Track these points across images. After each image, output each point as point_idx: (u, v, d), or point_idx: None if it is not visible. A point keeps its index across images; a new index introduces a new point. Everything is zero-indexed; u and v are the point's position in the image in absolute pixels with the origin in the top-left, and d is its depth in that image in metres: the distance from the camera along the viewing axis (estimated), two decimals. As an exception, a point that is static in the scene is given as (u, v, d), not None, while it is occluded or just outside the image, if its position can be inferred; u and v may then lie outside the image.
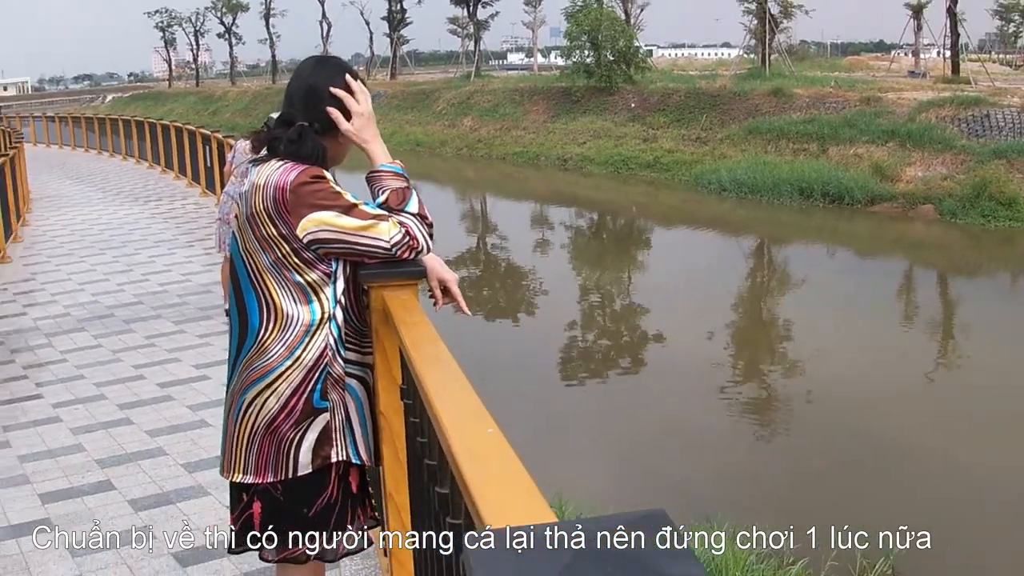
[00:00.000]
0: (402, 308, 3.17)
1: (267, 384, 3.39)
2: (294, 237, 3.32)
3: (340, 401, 3.46)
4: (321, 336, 3.39)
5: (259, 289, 3.40)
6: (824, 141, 33.19)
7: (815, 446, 12.45)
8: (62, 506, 6.30)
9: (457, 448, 1.87)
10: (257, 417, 3.41)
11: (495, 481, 1.69)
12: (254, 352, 3.42)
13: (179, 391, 8.69)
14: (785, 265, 25.78)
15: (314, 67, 3.58)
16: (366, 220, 3.32)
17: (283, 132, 3.45)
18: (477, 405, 2.16)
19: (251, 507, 3.49)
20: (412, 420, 2.90)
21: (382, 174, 3.52)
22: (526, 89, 51.46)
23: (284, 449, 3.40)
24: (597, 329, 19.21)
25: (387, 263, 3.35)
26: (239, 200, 3.52)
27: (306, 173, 3.34)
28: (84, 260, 15.99)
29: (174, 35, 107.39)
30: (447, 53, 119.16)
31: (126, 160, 34.90)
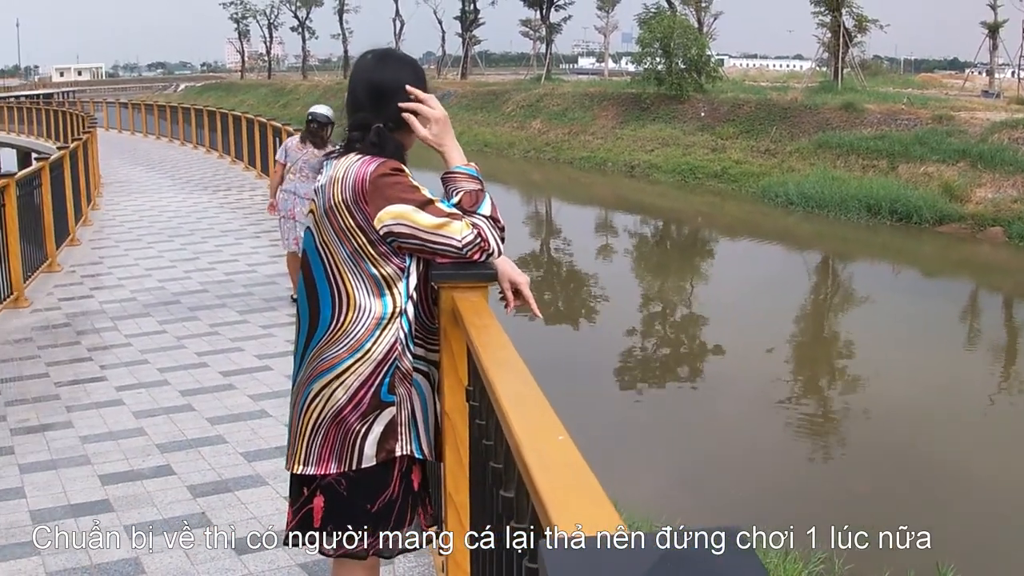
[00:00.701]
0: (472, 310, 3.19)
1: (336, 375, 3.42)
2: (371, 228, 3.35)
3: (407, 396, 3.47)
4: (392, 330, 3.41)
5: (334, 281, 3.43)
6: (894, 158, 32.86)
7: (867, 467, 12.33)
8: (122, 488, 6.37)
9: (528, 454, 1.87)
10: (324, 408, 3.43)
11: (566, 489, 1.69)
12: (324, 343, 3.44)
13: (241, 380, 8.76)
14: (849, 282, 25.57)
15: (375, 64, 3.60)
16: (440, 218, 3.35)
17: (360, 135, 3.48)
18: (548, 411, 2.17)
19: (311, 501, 3.51)
20: (478, 423, 2.91)
21: (457, 175, 3.54)
22: (596, 94, 51.37)
23: (350, 440, 3.42)
24: (656, 338, 19.15)
25: (458, 264, 3.37)
26: (315, 194, 3.55)
27: (386, 165, 3.38)
28: (152, 246, 16.17)
29: (248, 27, 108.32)
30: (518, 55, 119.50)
31: (196, 149, 35.24)
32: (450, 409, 3.44)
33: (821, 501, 11.28)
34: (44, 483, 6.47)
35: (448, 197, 3.50)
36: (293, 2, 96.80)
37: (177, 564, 5.31)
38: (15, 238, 12.05)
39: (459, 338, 3.34)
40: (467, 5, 76.78)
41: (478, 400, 2.96)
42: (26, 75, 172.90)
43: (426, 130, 3.54)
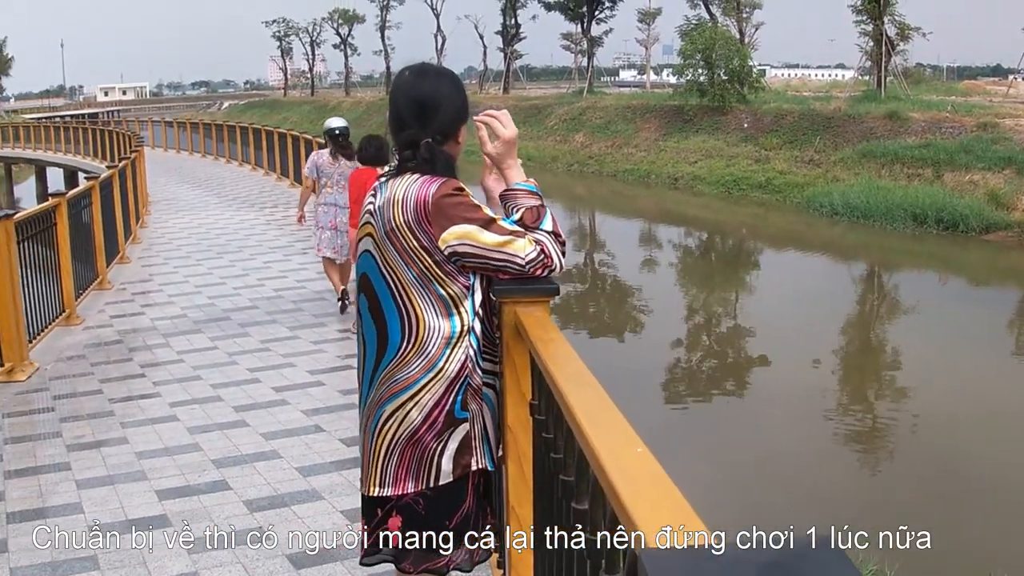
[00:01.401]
0: (536, 324, 3.20)
1: (409, 396, 3.44)
2: (435, 249, 3.37)
3: (479, 411, 3.50)
4: (462, 348, 3.44)
5: (402, 303, 3.44)
6: (939, 166, 32.66)
7: (914, 476, 12.26)
8: (178, 503, 6.42)
9: (610, 468, 1.88)
10: (398, 429, 3.46)
11: (650, 501, 1.69)
12: (394, 365, 3.46)
13: (293, 396, 8.81)
14: (895, 292, 25.42)
15: (414, 80, 3.60)
16: (504, 236, 3.37)
17: (411, 153, 3.50)
18: (624, 424, 2.18)
19: (387, 522, 3.53)
20: (545, 436, 2.92)
21: (517, 192, 3.56)
22: (638, 106, 51.37)
23: (426, 459, 3.45)
24: (702, 349, 19.11)
25: (520, 279, 3.39)
26: (371, 215, 3.56)
27: (447, 186, 3.39)
28: (200, 263, 16.28)
29: (291, 45, 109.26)
30: (559, 68, 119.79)
31: (242, 166, 35.47)
32: (512, 423, 3.46)
33: (866, 508, 11.22)
34: (101, 498, 6.54)
35: (508, 214, 3.52)
36: (335, 20, 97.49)
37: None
38: (67, 256, 12.17)
39: (522, 352, 3.35)
40: (508, 20, 77.01)
41: (544, 413, 2.97)
42: (71, 95, 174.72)
43: (492, 146, 3.57)
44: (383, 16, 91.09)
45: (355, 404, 8.00)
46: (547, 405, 2.90)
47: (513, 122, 3.66)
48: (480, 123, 3.63)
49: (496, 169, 3.69)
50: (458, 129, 3.59)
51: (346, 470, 6.87)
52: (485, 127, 3.63)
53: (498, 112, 3.63)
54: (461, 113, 3.60)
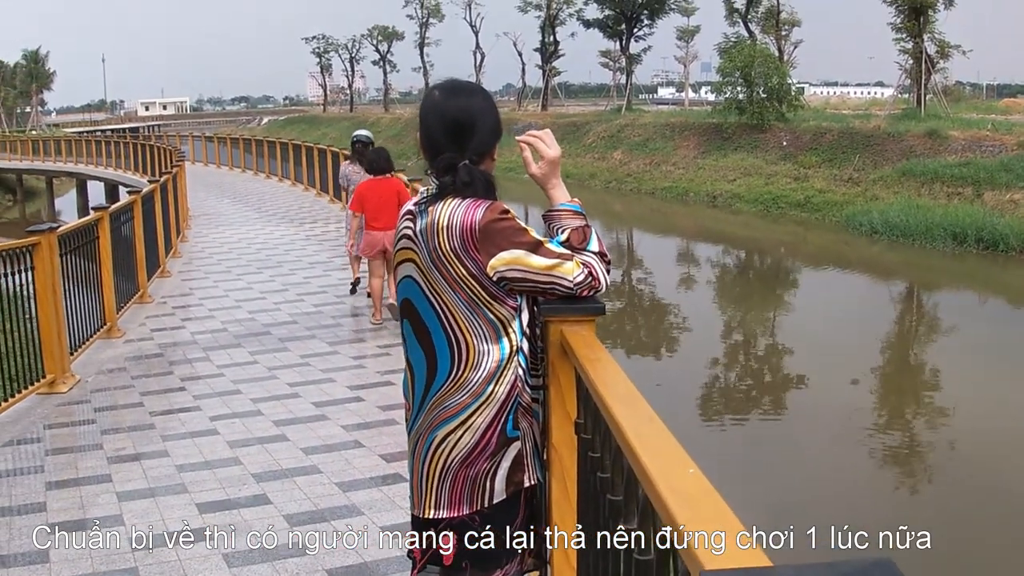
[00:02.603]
0: (583, 343, 3.19)
1: (461, 421, 3.42)
2: (483, 275, 3.34)
3: (529, 428, 3.49)
4: (511, 369, 3.42)
5: (450, 329, 3.42)
6: (979, 185, 32.49)
7: (952, 496, 12.17)
8: (219, 516, 6.44)
9: (662, 488, 1.88)
10: (450, 454, 3.44)
11: (704, 521, 1.69)
12: (445, 391, 3.44)
13: (333, 411, 8.83)
14: (934, 312, 25.29)
15: (446, 99, 3.53)
16: (552, 259, 3.35)
17: (450, 178, 3.42)
18: (674, 445, 2.18)
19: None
20: (591, 455, 2.92)
21: (562, 212, 3.54)
22: (676, 124, 51.33)
23: (480, 481, 3.43)
24: (739, 368, 19.06)
25: (566, 298, 3.38)
26: (411, 240, 3.52)
27: (493, 210, 3.36)
28: (241, 278, 16.36)
29: (330, 61, 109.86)
30: (597, 86, 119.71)
31: (282, 182, 35.63)
32: (557, 442, 3.44)
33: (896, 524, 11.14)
34: (142, 510, 6.57)
35: (552, 234, 3.51)
36: (375, 36, 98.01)
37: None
38: (108, 270, 12.25)
39: (567, 371, 3.35)
40: (547, 37, 77.10)
41: (590, 432, 2.97)
42: (112, 109, 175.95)
43: (537, 167, 3.55)
44: (422, 33, 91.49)
45: (395, 421, 8.07)
46: (594, 424, 2.90)
47: (556, 141, 3.64)
48: (523, 143, 3.61)
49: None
50: (493, 147, 3.55)
51: (386, 486, 6.89)
52: (528, 147, 3.62)
53: (541, 132, 3.60)
54: (496, 130, 3.56)
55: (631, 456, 2.21)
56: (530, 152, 3.57)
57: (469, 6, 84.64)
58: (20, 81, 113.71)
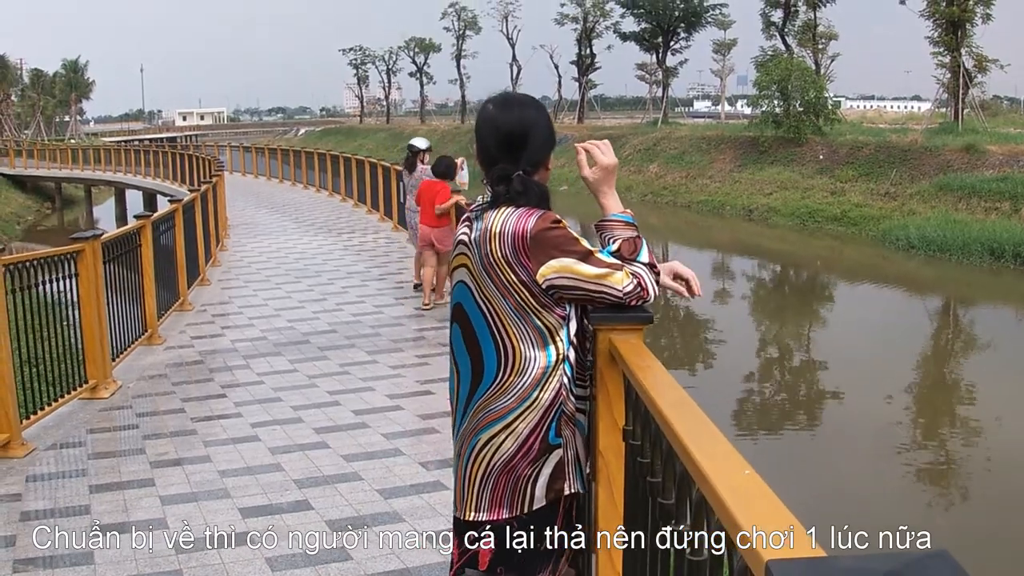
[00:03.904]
0: (632, 351, 3.23)
1: (504, 425, 3.47)
2: (533, 282, 3.39)
3: (572, 437, 3.53)
4: (556, 377, 3.46)
5: (498, 334, 3.47)
6: (1017, 200, 32.35)
7: (987, 513, 12.14)
8: (261, 521, 6.51)
9: (720, 487, 1.93)
10: (493, 457, 3.50)
11: (762, 518, 1.73)
12: (491, 395, 3.49)
13: (373, 419, 8.89)
14: (970, 328, 25.18)
15: (499, 112, 3.60)
16: (602, 268, 3.40)
17: (504, 188, 3.50)
18: (729, 447, 2.22)
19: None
20: (640, 460, 2.96)
21: (614, 223, 3.59)
22: (713, 137, 51.34)
23: (520, 486, 3.48)
24: (773, 383, 19.04)
25: (615, 307, 3.43)
26: (465, 247, 3.59)
27: (544, 219, 3.41)
28: (279, 287, 16.47)
29: (367, 72, 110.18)
30: (633, 99, 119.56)
31: (319, 192, 35.78)
32: (604, 449, 3.48)
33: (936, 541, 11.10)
34: (185, 514, 6.64)
35: (604, 244, 3.56)
36: (411, 48, 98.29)
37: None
38: (150, 277, 12.37)
39: (615, 379, 3.39)
40: (583, 49, 77.23)
41: (639, 439, 3.01)
42: (150, 119, 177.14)
43: (591, 171, 3.62)
44: (459, 45, 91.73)
45: (434, 429, 8.14)
46: (643, 430, 2.94)
47: (613, 153, 3.70)
48: (580, 148, 3.68)
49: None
50: (547, 157, 3.63)
51: (426, 493, 6.94)
52: (585, 153, 3.68)
53: (599, 142, 3.68)
54: (549, 141, 3.63)
55: (685, 458, 2.25)
56: (585, 157, 3.64)
57: (506, 19, 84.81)
58: (59, 90, 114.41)
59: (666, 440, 2.51)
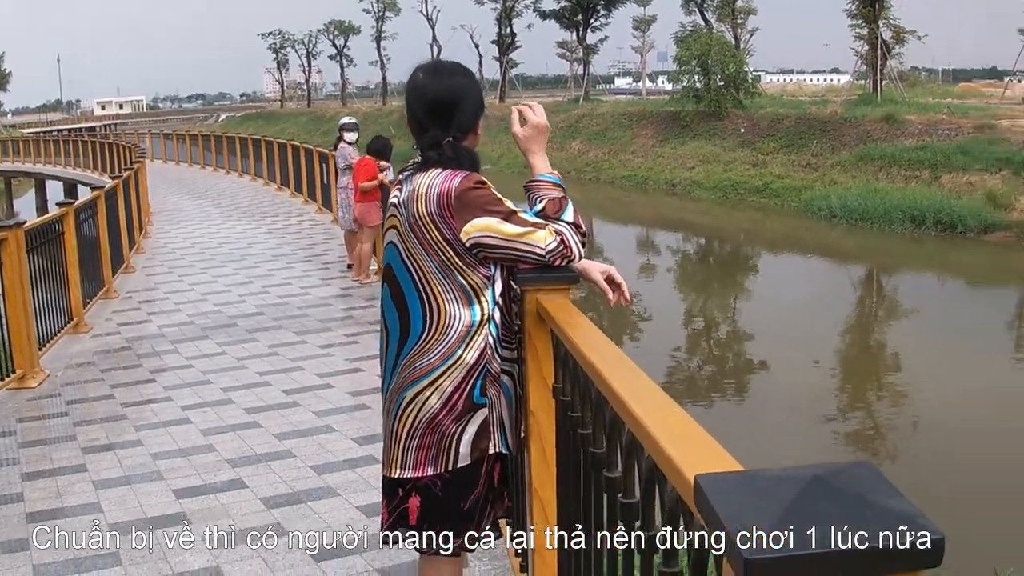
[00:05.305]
0: (561, 310, 3.29)
1: (430, 382, 3.53)
2: (457, 240, 3.46)
3: (497, 397, 3.60)
4: (481, 336, 3.53)
5: (423, 292, 3.53)
6: (936, 168, 32.84)
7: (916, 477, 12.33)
8: (196, 502, 6.50)
9: (651, 425, 1.98)
10: (418, 414, 3.56)
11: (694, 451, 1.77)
12: (416, 352, 3.55)
13: (304, 398, 8.89)
14: (894, 294, 25.55)
15: (429, 80, 3.66)
16: (525, 227, 3.47)
17: (435, 153, 3.56)
18: (658, 391, 2.28)
19: (407, 502, 3.63)
20: (570, 415, 3.01)
21: (541, 183, 3.66)
22: (635, 113, 51.59)
23: (445, 443, 3.55)
24: (701, 355, 19.23)
25: (541, 268, 3.49)
26: (395, 209, 3.65)
27: (469, 179, 3.49)
28: (205, 272, 16.38)
29: (287, 56, 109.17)
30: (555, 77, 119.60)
31: (241, 177, 35.54)
32: (535, 407, 3.55)
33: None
34: (119, 498, 6.61)
35: (531, 205, 3.63)
36: (331, 31, 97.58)
37: (257, 571, 5.43)
38: (74, 265, 12.25)
39: (544, 338, 3.46)
40: (503, 29, 77.14)
41: (569, 394, 3.06)
42: (68, 109, 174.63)
43: (522, 129, 3.69)
44: (379, 27, 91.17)
45: (365, 406, 8.17)
46: (573, 385, 3.00)
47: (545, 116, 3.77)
48: (515, 109, 3.79)
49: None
50: (476, 122, 3.69)
51: (360, 468, 6.97)
52: (518, 113, 3.76)
53: (532, 103, 3.79)
54: (478, 107, 3.70)
55: (615, 402, 2.30)
56: (517, 116, 3.72)
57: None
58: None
59: (595, 389, 2.57)
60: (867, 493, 1.17)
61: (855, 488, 1.17)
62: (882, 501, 1.16)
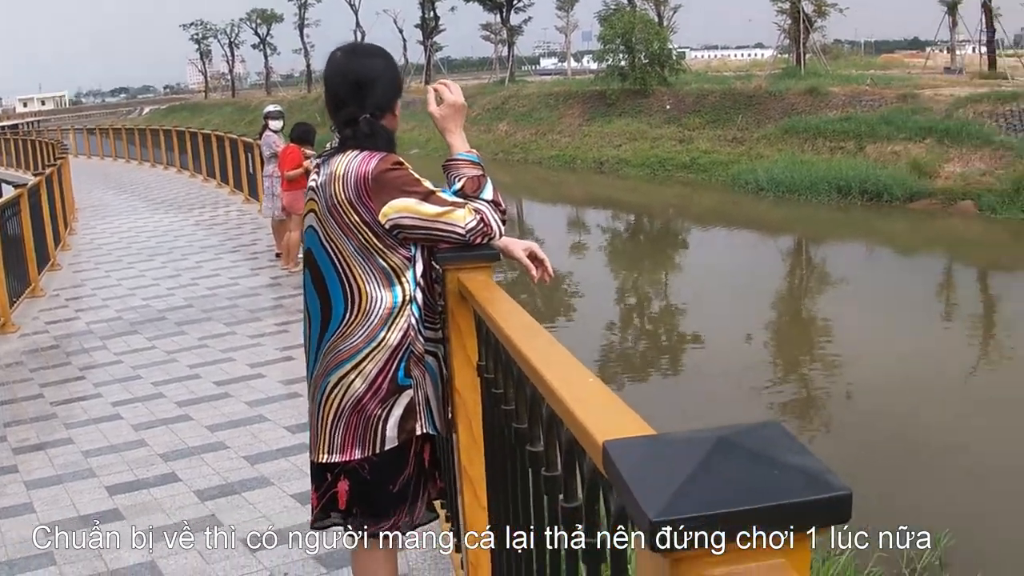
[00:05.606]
0: (481, 287, 3.30)
1: (353, 365, 3.53)
2: (376, 222, 3.45)
3: (422, 378, 3.61)
4: (404, 317, 3.54)
5: (344, 276, 3.53)
6: (861, 139, 33.16)
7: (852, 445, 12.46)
8: (129, 497, 6.46)
9: (565, 396, 1.98)
10: (343, 397, 3.55)
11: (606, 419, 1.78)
12: (338, 336, 3.55)
13: (235, 388, 8.86)
14: (823, 264, 25.78)
15: (347, 58, 3.67)
16: (444, 207, 3.47)
17: (351, 131, 3.57)
18: (573, 360, 2.28)
19: (336, 486, 3.64)
20: (494, 391, 3.02)
21: (459, 162, 3.67)
22: (561, 93, 51.61)
23: (372, 426, 3.55)
24: (634, 331, 19.29)
25: (462, 246, 3.50)
26: (314, 192, 3.64)
27: (386, 161, 3.48)
28: (132, 266, 16.22)
29: (209, 47, 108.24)
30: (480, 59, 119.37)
31: (167, 170, 35.19)
32: (461, 386, 3.56)
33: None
34: (52, 497, 6.56)
35: (450, 183, 3.63)
36: (253, 20, 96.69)
37: (193, 564, 5.41)
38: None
39: (466, 316, 3.47)
40: (427, 12, 76.83)
41: (492, 371, 3.07)
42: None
43: (437, 108, 3.69)
44: (301, 14, 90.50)
45: (298, 394, 8.14)
46: (495, 362, 3.01)
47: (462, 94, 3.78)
48: (430, 88, 3.78)
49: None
50: (394, 103, 3.69)
51: (293, 456, 6.95)
52: (434, 92, 3.76)
53: (448, 81, 3.80)
54: (396, 86, 3.71)
55: (533, 376, 2.31)
56: (433, 95, 3.72)
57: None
58: None
59: (516, 366, 2.57)
60: (774, 451, 1.18)
61: (762, 447, 1.19)
62: (789, 459, 1.17)
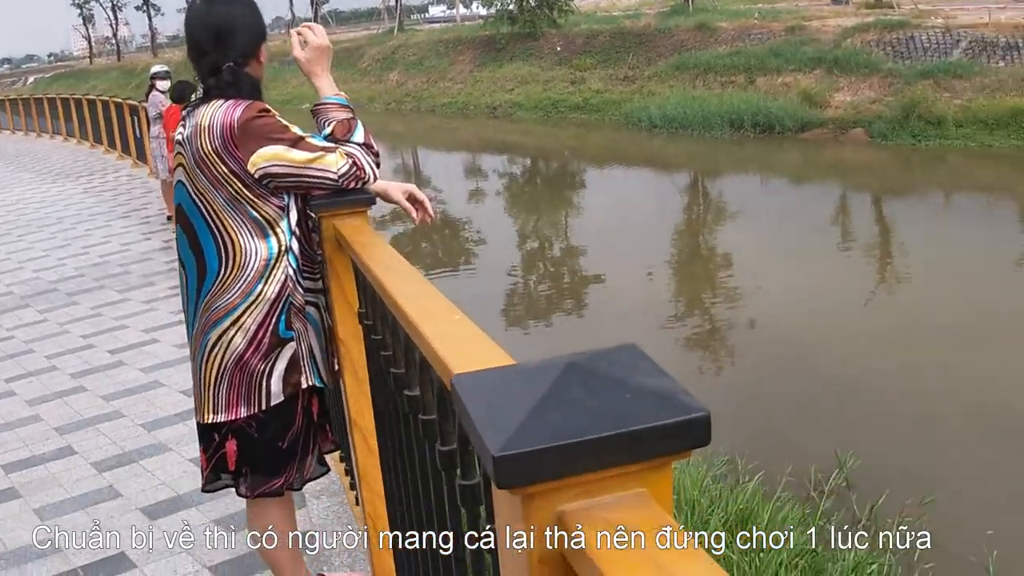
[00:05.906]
0: (356, 232, 3.24)
1: (232, 321, 3.44)
2: (245, 173, 3.35)
3: (303, 329, 3.53)
4: (280, 269, 3.45)
5: (216, 230, 3.43)
6: (751, 72, 33.47)
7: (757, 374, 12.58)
8: (26, 474, 6.31)
9: (430, 334, 1.94)
10: (224, 355, 3.46)
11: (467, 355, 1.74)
12: (215, 292, 3.45)
13: (130, 356, 8.70)
14: (720, 197, 25.97)
15: (207, 7, 3.56)
16: (314, 152, 3.38)
17: (214, 80, 3.47)
18: (441, 299, 2.23)
19: (224, 446, 3.55)
20: (375, 338, 2.96)
21: (328, 106, 3.59)
22: (450, 40, 51.44)
23: (256, 382, 3.46)
24: (537, 274, 19.30)
25: (336, 192, 3.41)
26: (180, 146, 3.53)
27: (251, 108, 3.38)
28: (21, 239, 15.86)
29: (92, 11, 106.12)
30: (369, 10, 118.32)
31: (54, 138, 34.45)
32: (344, 336, 3.50)
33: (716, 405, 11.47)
34: (-56, 480, 6.41)
35: (320, 128, 3.55)
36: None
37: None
38: None
39: (344, 264, 3.40)
40: (312, -36, 76.09)
41: (372, 318, 3.01)
42: None
43: (302, 51, 3.60)
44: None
45: (193, 357, 7.96)
46: (373, 308, 2.95)
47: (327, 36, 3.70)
48: (293, 32, 3.69)
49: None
50: (258, 49, 3.58)
51: (190, 420, 6.73)
52: (298, 36, 3.67)
53: (312, 24, 3.71)
54: (259, 32, 3.60)
55: (401, 316, 2.26)
56: (297, 39, 3.63)
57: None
58: None
59: (390, 312, 2.52)
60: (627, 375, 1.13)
61: (615, 371, 1.13)
62: (643, 382, 1.12)
